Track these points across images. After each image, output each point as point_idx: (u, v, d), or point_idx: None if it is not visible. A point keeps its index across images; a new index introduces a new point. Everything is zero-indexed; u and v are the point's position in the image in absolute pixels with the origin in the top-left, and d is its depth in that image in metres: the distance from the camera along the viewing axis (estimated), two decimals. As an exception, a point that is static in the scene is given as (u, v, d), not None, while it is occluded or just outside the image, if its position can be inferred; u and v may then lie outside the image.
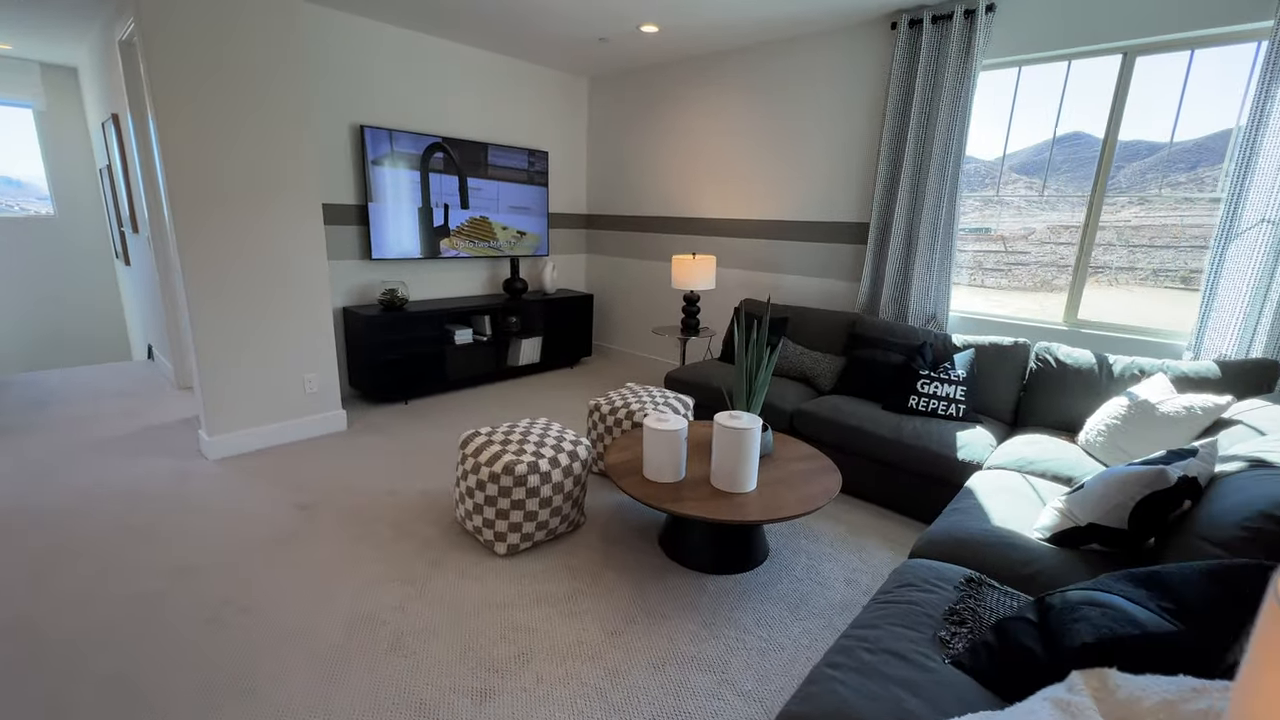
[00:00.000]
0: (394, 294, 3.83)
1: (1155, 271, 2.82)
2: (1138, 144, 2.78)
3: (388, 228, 3.89)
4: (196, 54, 2.62)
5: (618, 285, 5.17)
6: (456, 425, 3.56)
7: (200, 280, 2.79)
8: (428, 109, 4.04)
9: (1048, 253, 3.10)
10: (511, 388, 4.36)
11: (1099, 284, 2.96)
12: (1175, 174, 2.70)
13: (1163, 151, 2.72)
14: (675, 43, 3.91)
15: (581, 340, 4.94)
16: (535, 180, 4.68)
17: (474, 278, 4.57)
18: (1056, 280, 3.08)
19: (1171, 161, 2.70)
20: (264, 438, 3.12)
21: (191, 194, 2.71)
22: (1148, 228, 2.80)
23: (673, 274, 3.85)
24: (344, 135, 3.68)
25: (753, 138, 4.02)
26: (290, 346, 3.14)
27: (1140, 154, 2.79)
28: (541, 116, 4.75)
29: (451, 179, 4.16)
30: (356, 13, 3.55)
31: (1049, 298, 3.12)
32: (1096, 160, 2.86)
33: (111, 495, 2.58)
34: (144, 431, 3.30)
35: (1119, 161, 2.82)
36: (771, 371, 2.27)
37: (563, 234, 5.15)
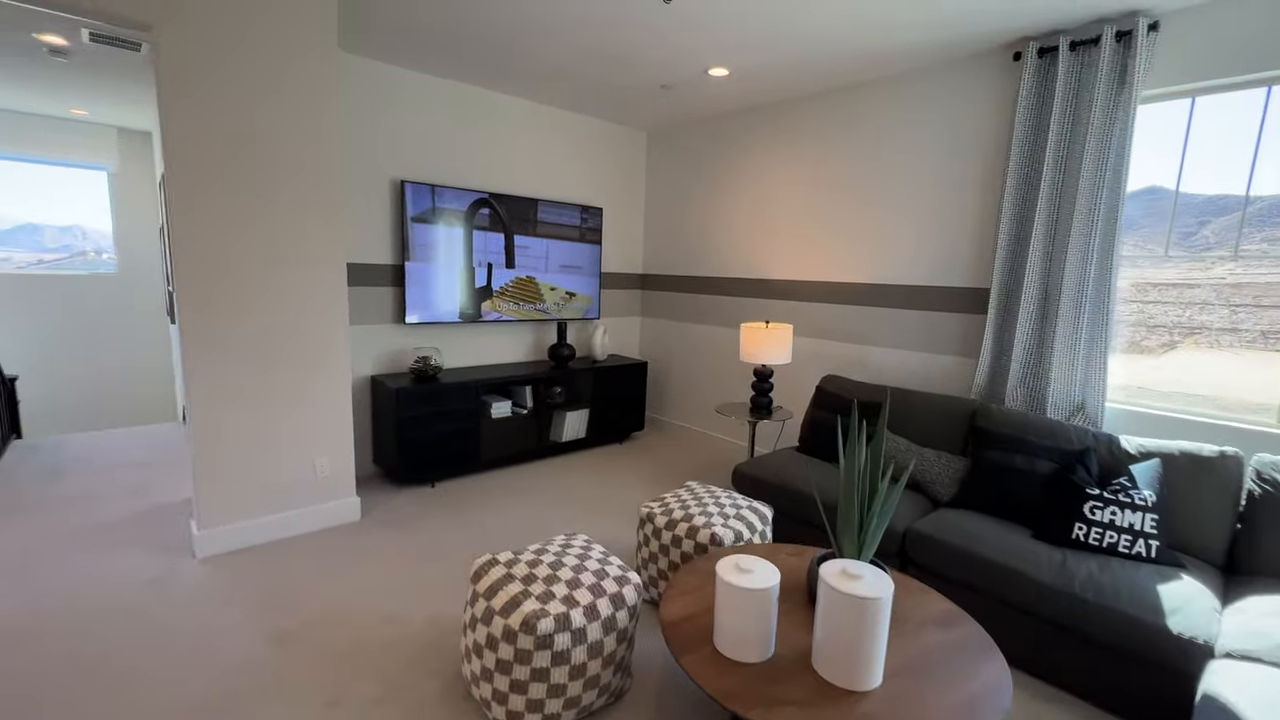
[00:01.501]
0: (426, 362, 3.43)
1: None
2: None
3: (425, 289, 3.54)
4: (216, 103, 2.35)
5: (675, 352, 4.64)
6: (484, 520, 3.03)
7: (200, 345, 2.45)
8: (474, 163, 3.75)
9: (1245, 318, 2.35)
10: (552, 469, 3.83)
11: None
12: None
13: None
14: (745, 87, 3.49)
15: (633, 413, 4.40)
16: (587, 238, 4.29)
17: (517, 343, 4.15)
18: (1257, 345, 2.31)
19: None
20: (263, 530, 2.69)
21: (197, 249, 2.39)
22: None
23: (742, 345, 3.29)
24: (383, 191, 3.41)
25: (834, 190, 3.49)
26: (301, 425, 2.74)
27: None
28: (596, 171, 4.41)
29: (497, 236, 3.82)
30: (402, 65, 3.32)
31: (1252, 363, 2.34)
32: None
33: (73, 610, 2.16)
34: (144, 515, 2.93)
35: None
36: (896, 500, 1.63)
37: (616, 295, 4.72)
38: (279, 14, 2.44)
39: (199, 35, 2.28)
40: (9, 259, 5.30)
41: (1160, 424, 2.48)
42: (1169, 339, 2.55)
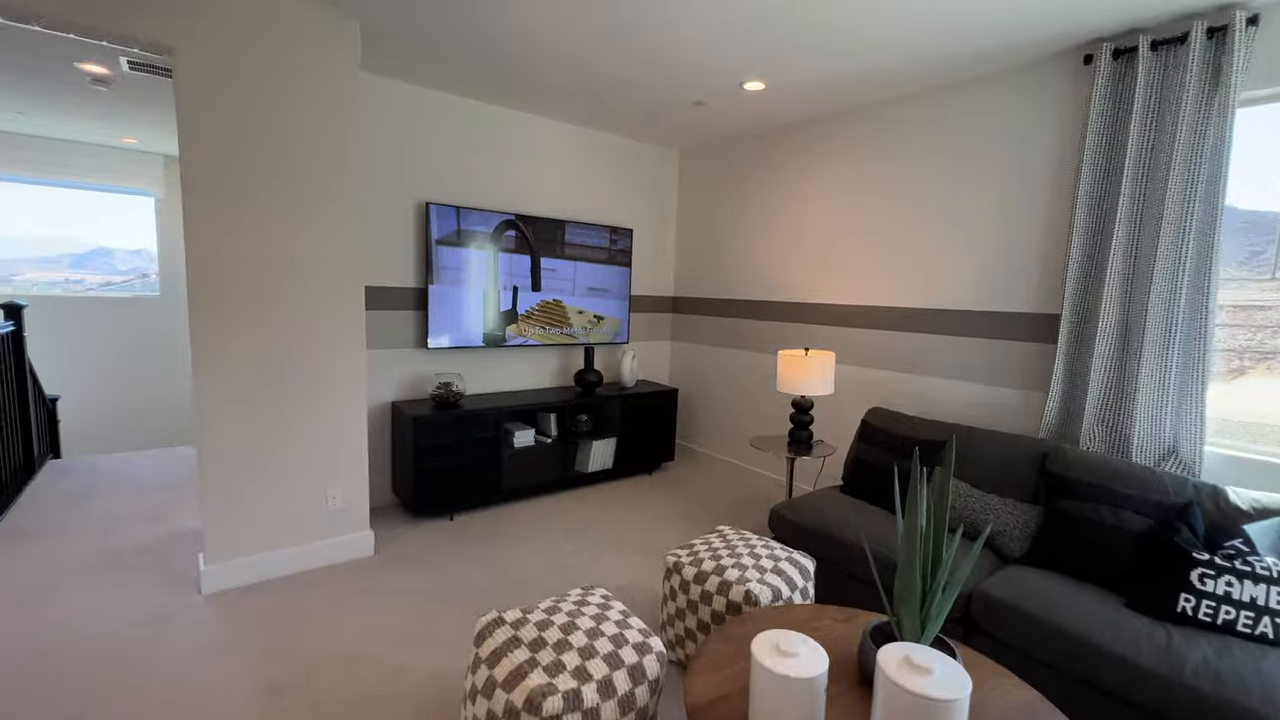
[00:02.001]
0: (448, 388, 3.31)
1: None
2: None
3: (449, 313, 3.44)
4: (226, 121, 2.30)
5: (707, 379, 4.42)
6: (501, 558, 2.85)
7: (210, 369, 2.36)
8: (501, 185, 3.66)
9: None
10: (576, 501, 3.63)
11: None
12: None
13: None
14: (783, 101, 3.31)
15: (663, 442, 4.18)
16: (617, 260, 4.15)
17: (542, 369, 4.01)
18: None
19: None
20: (273, 565, 2.56)
21: (209, 272, 2.32)
22: None
23: (779, 374, 3.05)
24: (408, 213, 3.33)
25: (880, 209, 3.25)
26: (313, 454, 2.63)
27: None
28: (626, 191, 4.28)
29: (523, 259, 3.70)
30: (428, 85, 3.27)
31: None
32: None
33: (63, 652, 2.06)
34: (159, 544, 2.86)
35: None
36: (969, 569, 1.37)
37: (645, 319, 4.55)
38: (299, 34, 2.39)
39: (218, 56, 2.24)
40: (83, 280, 5.49)
41: (1269, 473, 2.13)
42: (1239, 364, 2.26)
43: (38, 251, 5.37)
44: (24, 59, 3.16)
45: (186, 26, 2.17)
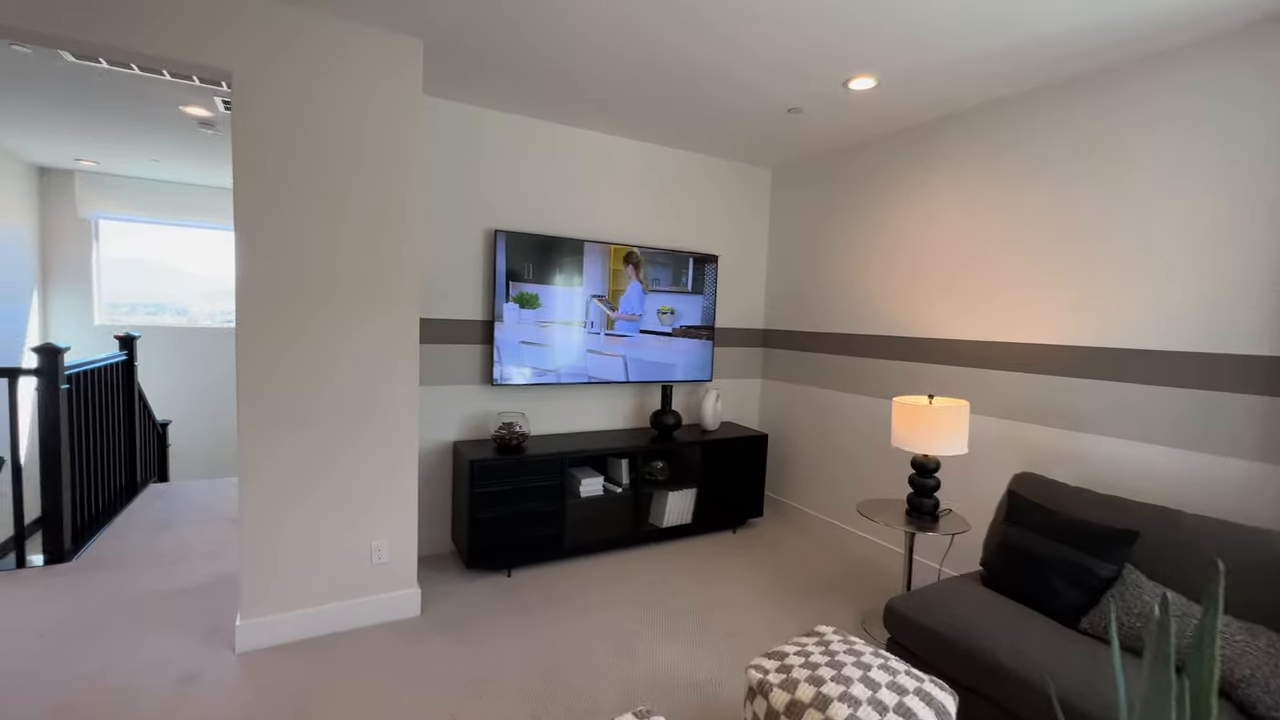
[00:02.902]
0: (510, 429, 3.02)
1: None
2: None
3: (515, 348, 3.18)
4: (285, 155, 2.17)
5: (803, 422, 3.86)
6: (555, 633, 2.46)
7: (254, 404, 2.20)
8: (574, 211, 3.41)
9: None
10: (649, 561, 3.19)
11: None
12: None
13: None
14: (898, 100, 2.80)
15: (750, 494, 3.66)
16: (699, 289, 3.75)
17: (614, 409, 3.65)
18: None
19: None
20: (310, 623, 2.34)
21: (256, 302, 2.18)
22: None
23: (894, 427, 2.48)
24: (475, 242, 3.14)
25: (1030, 224, 2.62)
26: (359, 502, 2.40)
27: None
28: (711, 215, 3.90)
29: (596, 289, 3.40)
30: (493, 108, 3.09)
31: None
32: None
33: (86, 709, 1.90)
34: (209, 586, 2.75)
35: None
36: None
37: (731, 354, 4.08)
38: (358, 53, 2.26)
39: (277, 79, 2.13)
40: (220, 313, 5.92)
41: None
42: None
43: (204, 286, 5.87)
44: (131, 103, 3.34)
45: (242, 49, 2.07)
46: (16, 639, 2.27)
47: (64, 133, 4.06)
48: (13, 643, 2.25)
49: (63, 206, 5.22)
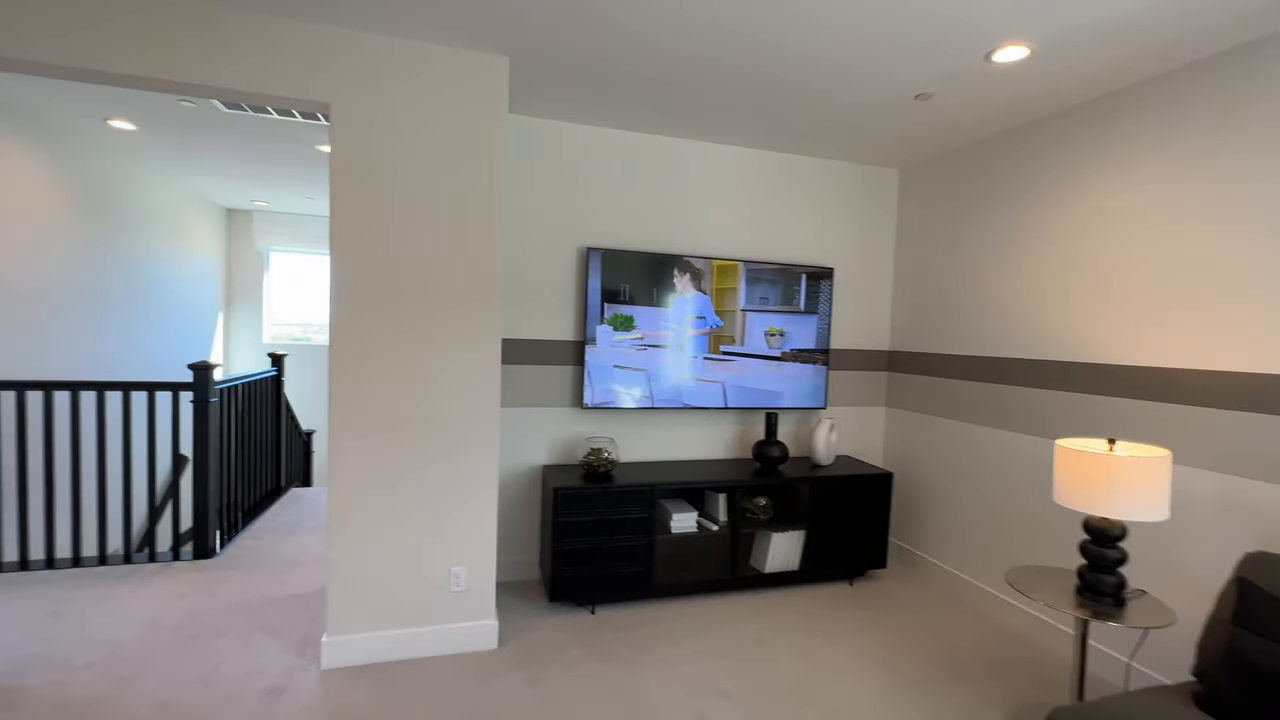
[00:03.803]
0: (599, 455, 2.87)
1: None
2: None
3: (606, 369, 3.04)
4: (377, 174, 2.21)
5: (938, 460, 3.29)
6: (640, 686, 2.22)
7: (342, 419, 2.24)
8: (668, 225, 3.21)
9: None
10: (748, 611, 2.84)
11: None
12: None
13: None
14: (1056, 73, 2.27)
15: (870, 541, 3.17)
16: (812, 308, 3.36)
17: (711, 437, 3.36)
18: None
19: None
20: (387, 647, 2.32)
21: (348, 326, 2.23)
22: None
23: (1058, 478, 1.95)
24: (567, 261, 3.06)
25: (1241, 218, 1.97)
26: (440, 526, 2.36)
27: None
28: (826, 224, 3.50)
29: (692, 308, 3.16)
30: (581, 121, 2.99)
31: None
32: None
33: (182, 711, 1.99)
34: (314, 595, 2.88)
35: None
36: None
37: (848, 379, 3.62)
38: (445, 79, 2.25)
39: (368, 106, 2.18)
40: None
41: None
42: None
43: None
44: (280, 146, 3.73)
45: (338, 81, 2.15)
46: (153, 629, 2.50)
47: (242, 178, 4.68)
48: (148, 632, 2.47)
49: (243, 240, 6.07)
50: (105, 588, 2.85)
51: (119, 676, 2.16)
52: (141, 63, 1.97)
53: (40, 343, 3.52)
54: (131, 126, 3.45)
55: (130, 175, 4.41)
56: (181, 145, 3.80)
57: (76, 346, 3.85)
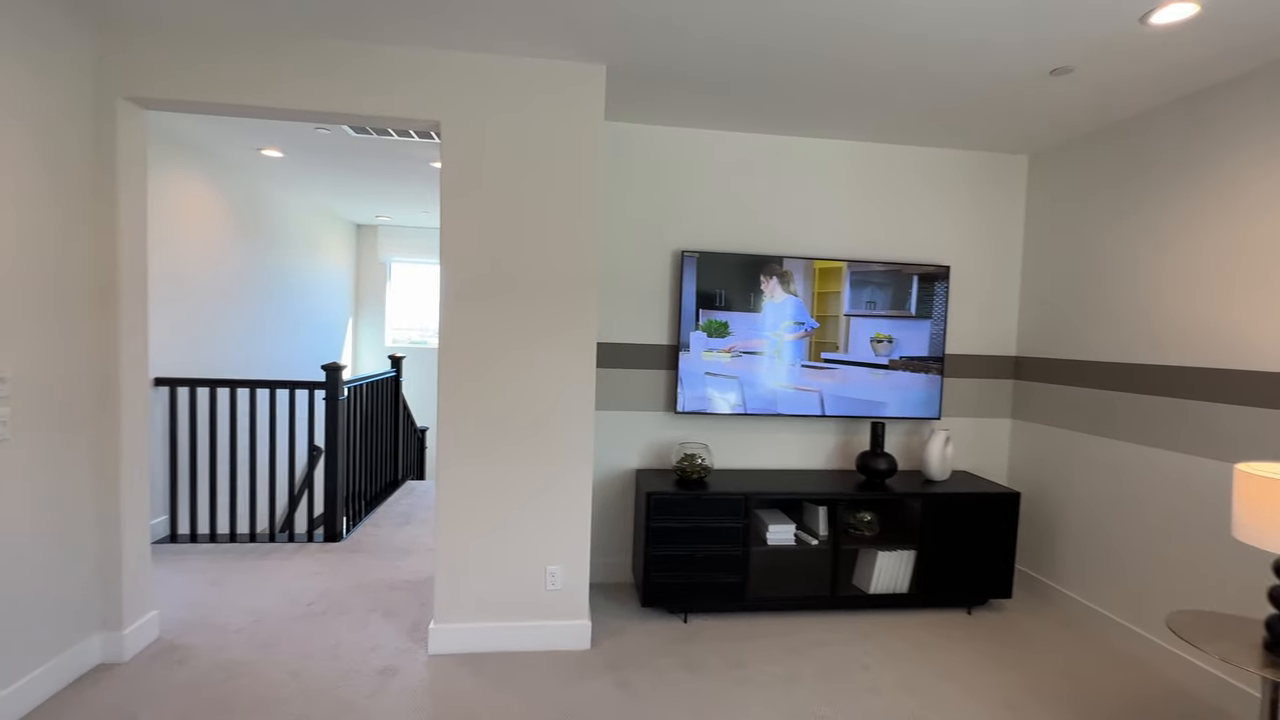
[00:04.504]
0: (692, 461, 2.82)
1: None
2: None
3: (700, 374, 2.99)
4: (484, 183, 2.32)
5: (1076, 480, 2.91)
6: (732, 705, 2.14)
7: (449, 419, 2.37)
8: (769, 225, 3.10)
9: None
10: (849, 633, 2.67)
11: None
12: None
13: None
14: (1228, 35, 1.93)
15: (993, 566, 2.87)
16: (924, 311, 3.11)
17: (811, 446, 3.20)
18: None
19: None
20: (489, 638, 2.42)
21: (454, 331, 2.35)
22: None
23: (1237, 508, 1.64)
24: (660, 264, 3.05)
25: None
26: (537, 525, 2.43)
27: None
28: (940, 219, 3.23)
29: (793, 311, 3.03)
30: (674, 124, 2.96)
31: None
32: None
33: (306, 678, 2.19)
34: (425, 582, 3.07)
35: None
36: None
37: (966, 388, 3.30)
38: (544, 89, 2.32)
39: (473, 122, 2.30)
40: None
41: None
42: None
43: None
44: (400, 165, 4.04)
45: (447, 101, 2.28)
46: (289, 603, 2.78)
47: (368, 196, 5.15)
48: (285, 605, 2.75)
49: (369, 253, 6.66)
50: (253, 562, 3.22)
51: (261, 643, 2.43)
52: (296, 98, 2.20)
53: (206, 343, 4.06)
54: (279, 154, 3.90)
55: (277, 196, 4.99)
56: (318, 168, 4.24)
57: (233, 347, 4.40)
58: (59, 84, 1.99)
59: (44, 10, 1.93)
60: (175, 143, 3.67)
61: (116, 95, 2.14)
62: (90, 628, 2.20)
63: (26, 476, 1.93)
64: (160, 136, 3.53)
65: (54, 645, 2.05)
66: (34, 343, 1.93)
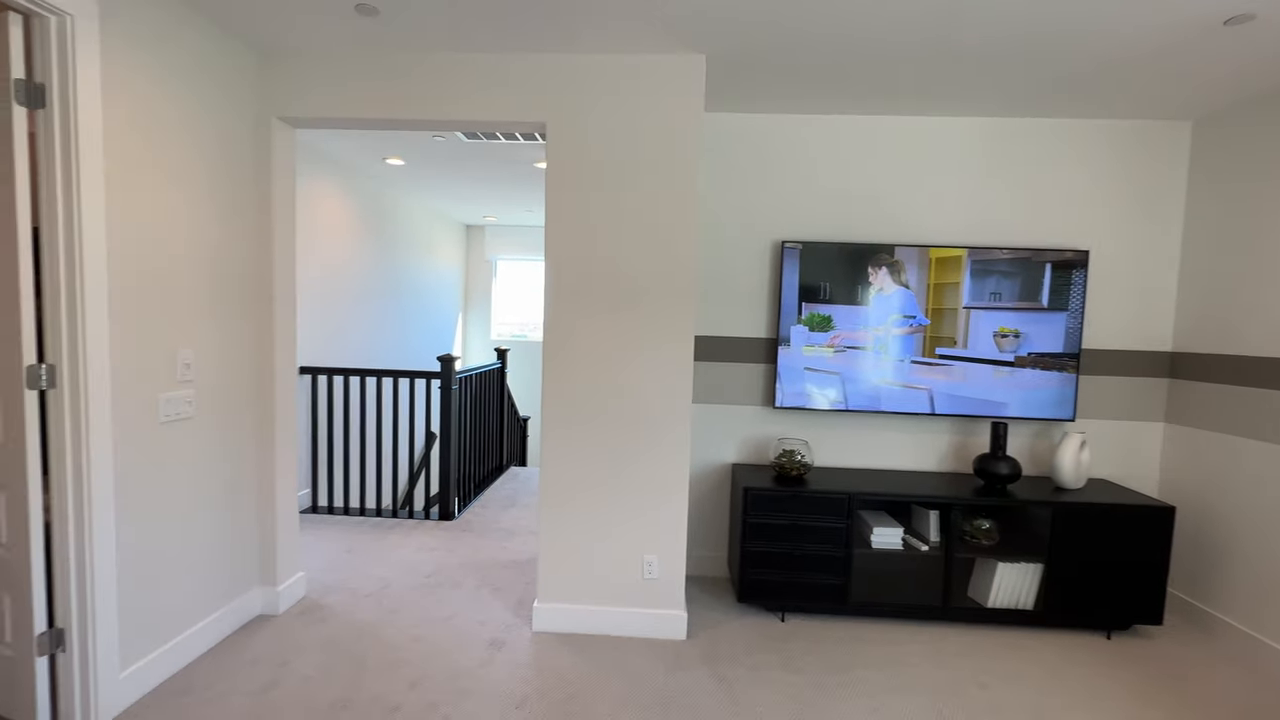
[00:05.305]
0: (791, 458, 2.75)
1: None
2: None
3: (800, 369, 2.90)
4: (585, 184, 2.39)
5: (1252, 497, 2.52)
6: (834, 707, 2.08)
7: (552, 408, 2.47)
8: (877, 212, 2.94)
9: None
10: (961, 647, 2.49)
11: None
12: None
13: None
14: None
15: (1138, 587, 2.56)
16: (1058, 303, 2.81)
17: (922, 446, 3.00)
18: None
19: None
20: (589, 620, 2.51)
21: (558, 323, 2.44)
22: None
23: None
24: (759, 256, 2.98)
25: None
26: (635, 514, 2.48)
27: None
28: (1079, 198, 2.89)
29: (904, 303, 2.86)
30: (773, 111, 2.86)
31: None
32: None
33: (424, 643, 2.38)
34: (529, 563, 3.23)
35: None
36: None
37: (1106, 387, 2.95)
38: (644, 83, 2.34)
39: (577, 120, 2.36)
40: None
41: None
42: None
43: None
44: (506, 168, 4.25)
45: (553, 102, 2.36)
46: (410, 574, 3.04)
47: (476, 198, 5.47)
48: (407, 575, 3.01)
49: (477, 251, 7.07)
50: (380, 534, 3.55)
51: (388, 608, 2.67)
52: (419, 109, 2.39)
53: (339, 336, 4.51)
54: (401, 162, 4.23)
55: (398, 201, 5.43)
56: (434, 173, 4.56)
57: (361, 339, 4.85)
58: (230, 107, 2.29)
59: (219, 42, 2.22)
60: (315, 156, 4.09)
61: (271, 115, 2.43)
62: (251, 582, 2.53)
63: (207, 447, 2.25)
64: (302, 151, 3.95)
65: (228, 593, 2.39)
66: (208, 337, 2.25)
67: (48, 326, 1.76)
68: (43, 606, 1.78)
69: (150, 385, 2.01)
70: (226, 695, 2.03)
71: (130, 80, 1.88)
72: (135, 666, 1.99)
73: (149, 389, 2.00)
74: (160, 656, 2.08)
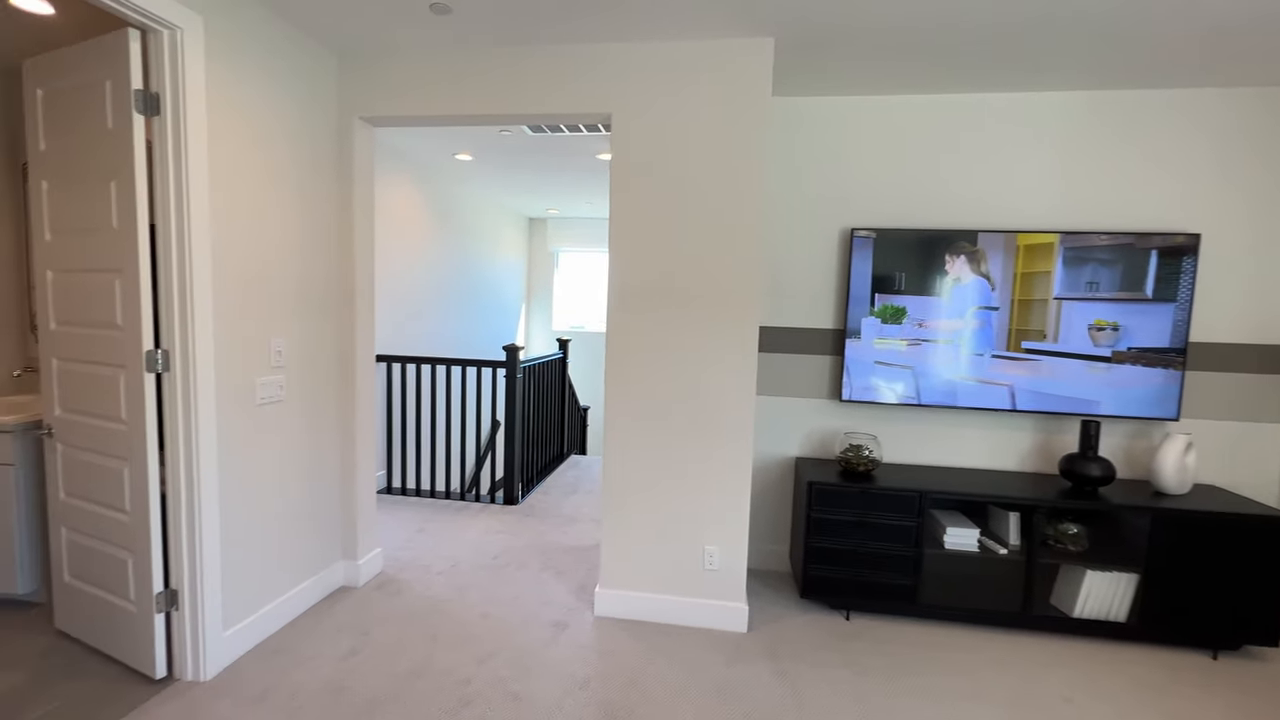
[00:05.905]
0: (858, 453, 2.67)
1: None
2: None
3: (869, 361, 2.80)
4: (649, 178, 2.38)
5: (1389, 511, 2.23)
6: (901, 710, 2.01)
7: (615, 395, 2.49)
8: (955, 196, 2.78)
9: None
10: (1043, 657, 2.35)
11: None
12: None
13: None
14: None
15: (1252, 605, 2.33)
16: (1165, 293, 2.57)
17: (1001, 444, 2.83)
18: None
19: None
20: (650, 608, 2.53)
21: (622, 312, 2.46)
22: None
23: None
24: (827, 245, 2.88)
25: None
26: (696, 504, 2.47)
27: None
28: (1188, 175, 2.63)
29: (982, 293, 2.70)
30: (843, 93, 2.74)
31: None
32: None
33: (493, 620, 2.48)
34: (590, 549, 3.29)
35: None
36: None
37: (1218, 384, 2.68)
38: (710, 69, 2.30)
39: (642, 109, 2.35)
40: None
41: None
42: None
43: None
44: (569, 160, 4.30)
45: (619, 92, 2.36)
46: (478, 554, 3.16)
47: (540, 191, 5.57)
48: (475, 556, 3.13)
49: (540, 244, 7.21)
50: (449, 516, 3.71)
51: (458, 586, 2.79)
52: (487, 104, 2.45)
53: (411, 325, 4.72)
54: (469, 157, 4.36)
55: (466, 195, 5.61)
56: (500, 167, 4.67)
57: (431, 328, 5.06)
58: (316, 109, 2.43)
59: (304, 47, 2.35)
60: (390, 153, 4.28)
61: (353, 116, 2.55)
62: (335, 555, 2.71)
63: (296, 429, 2.41)
64: (377, 149, 4.14)
65: (314, 565, 2.57)
66: (296, 326, 2.40)
67: (162, 314, 1.93)
68: (159, 568, 1.98)
69: (249, 370, 2.17)
70: (314, 658, 2.19)
71: (230, 87, 2.03)
72: (236, 627, 2.17)
73: (248, 373, 2.17)
74: (257, 620, 2.26)
